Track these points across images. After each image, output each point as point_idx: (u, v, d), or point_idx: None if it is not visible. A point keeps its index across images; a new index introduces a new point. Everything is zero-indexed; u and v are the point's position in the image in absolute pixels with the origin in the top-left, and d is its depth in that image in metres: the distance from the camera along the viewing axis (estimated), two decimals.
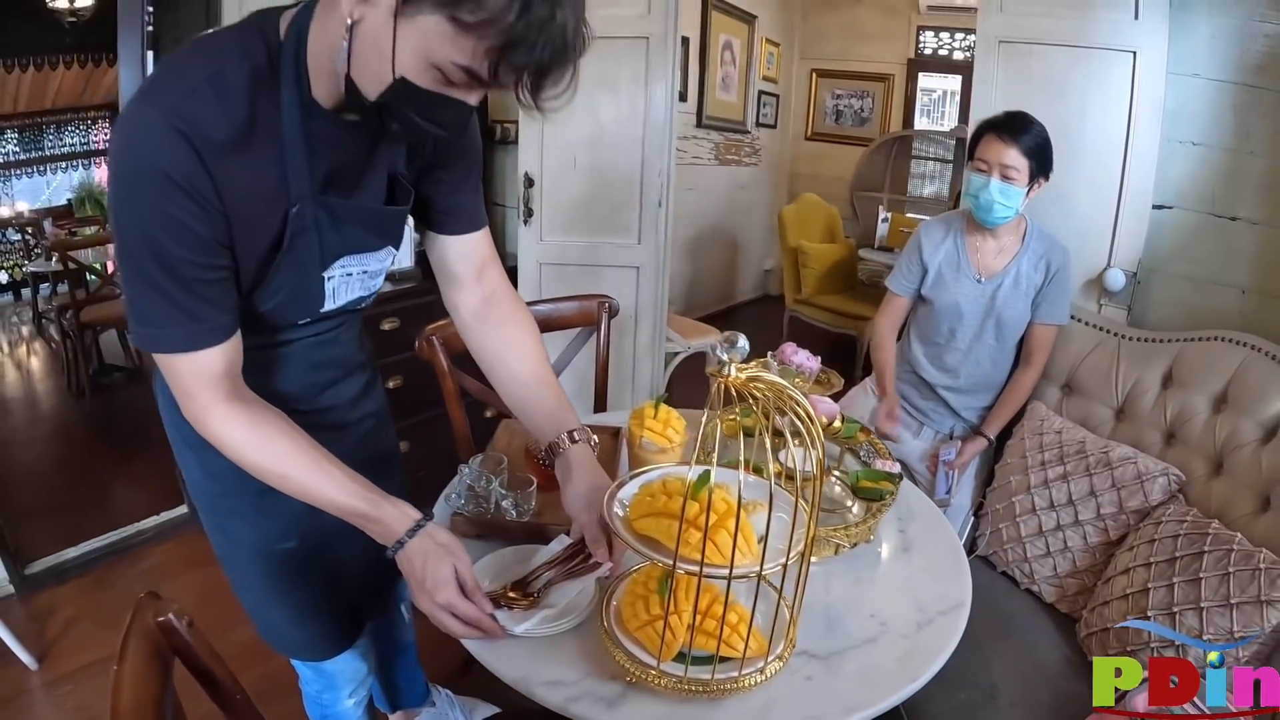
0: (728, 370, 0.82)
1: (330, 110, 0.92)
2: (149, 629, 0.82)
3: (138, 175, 0.82)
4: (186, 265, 0.87)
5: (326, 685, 1.43)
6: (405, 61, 0.79)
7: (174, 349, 0.90)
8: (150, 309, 0.88)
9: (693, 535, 0.82)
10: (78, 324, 4.08)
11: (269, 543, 1.20)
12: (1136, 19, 1.98)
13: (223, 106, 0.84)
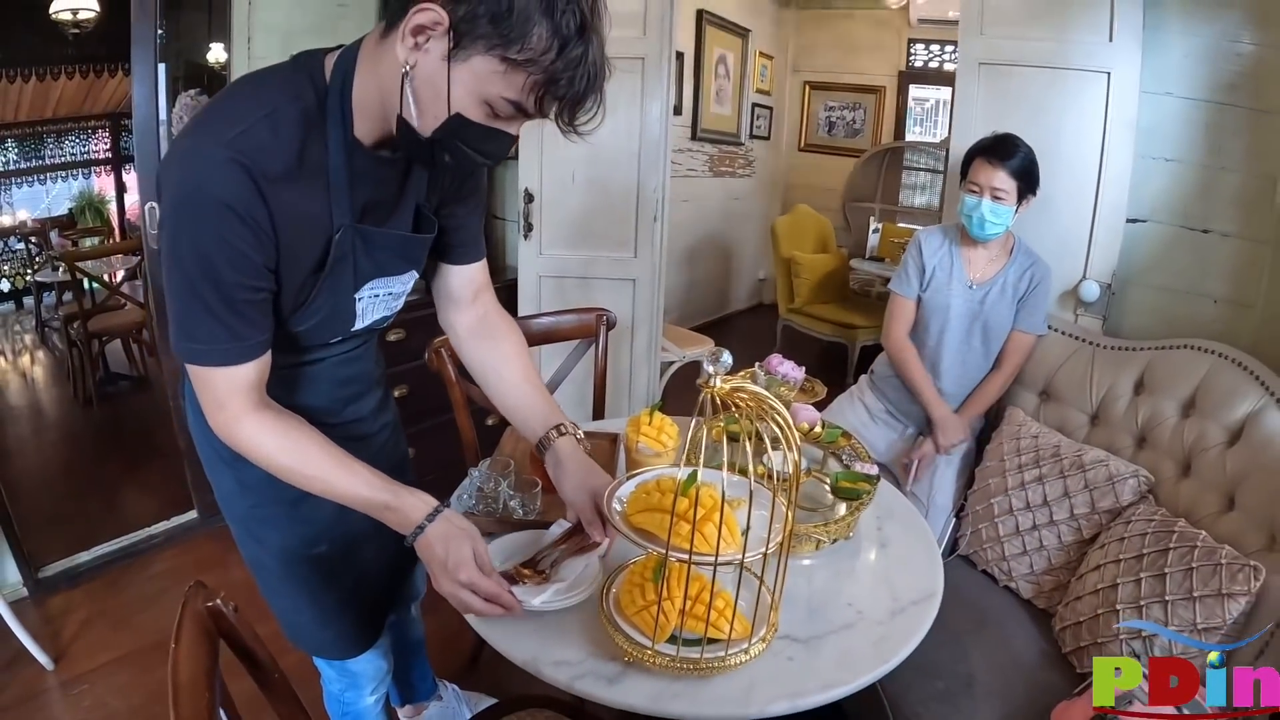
0: (713, 382, 0.91)
1: (369, 147, 1.01)
2: (199, 613, 0.90)
3: (199, 204, 0.89)
4: (236, 288, 0.94)
5: (350, 684, 1.48)
6: (459, 99, 0.89)
7: (215, 363, 0.97)
8: (197, 326, 0.95)
9: (683, 528, 0.91)
10: (85, 333, 4.13)
11: (301, 548, 1.27)
12: (1111, 41, 2.06)
13: (277, 142, 0.92)
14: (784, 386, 1.61)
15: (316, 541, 1.27)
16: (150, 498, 3.05)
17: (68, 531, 2.76)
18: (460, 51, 0.86)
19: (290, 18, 3.02)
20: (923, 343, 2.22)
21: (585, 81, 0.89)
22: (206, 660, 0.87)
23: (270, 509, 1.23)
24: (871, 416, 2.37)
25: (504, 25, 0.84)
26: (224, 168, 0.88)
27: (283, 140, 0.93)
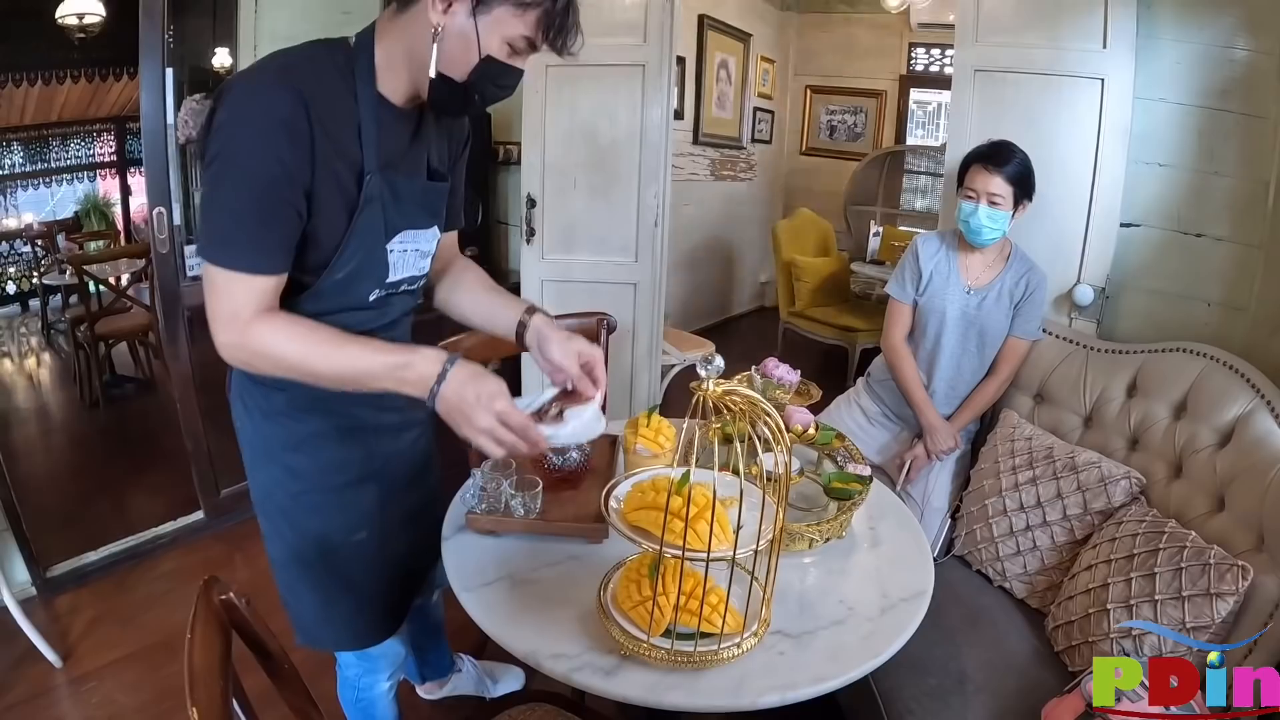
0: (706, 385, 0.94)
1: (392, 105, 1.15)
2: (214, 605, 0.95)
3: (254, 121, 1.02)
4: (276, 202, 1.05)
5: (369, 669, 1.54)
6: (488, 43, 1.08)
7: (242, 268, 1.05)
8: (233, 230, 1.05)
9: (677, 525, 0.94)
10: (92, 336, 4.18)
11: (343, 535, 1.35)
12: (1105, 48, 2.08)
13: (320, 84, 1.06)
14: (779, 389, 1.64)
15: (358, 528, 1.35)
16: (157, 499, 3.07)
17: (75, 532, 2.78)
18: (483, 6, 1.05)
19: (294, 26, 3.06)
20: (919, 346, 2.24)
21: (570, 15, 1.10)
22: (220, 651, 0.91)
23: (317, 496, 1.31)
24: (868, 418, 2.39)
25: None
26: (280, 91, 1.02)
27: (325, 83, 1.07)
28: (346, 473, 1.33)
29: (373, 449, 1.35)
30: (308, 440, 1.29)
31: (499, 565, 1.32)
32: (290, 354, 1.08)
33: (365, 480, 1.35)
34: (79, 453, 3.97)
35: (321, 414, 1.28)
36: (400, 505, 1.40)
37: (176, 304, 2.78)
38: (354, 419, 1.31)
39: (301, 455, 1.26)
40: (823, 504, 1.47)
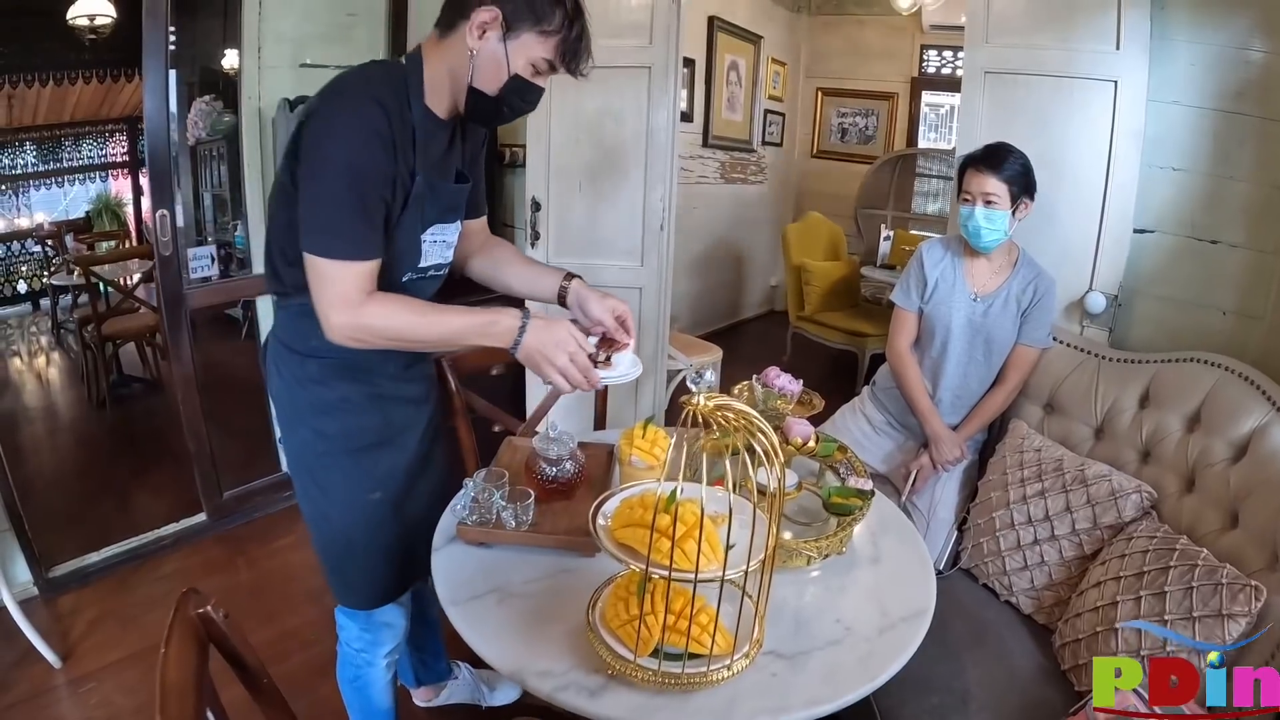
0: (696, 400, 0.91)
1: (436, 115, 1.34)
2: (190, 619, 0.94)
3: (355, 130, 1.21)
4: (374, 197, 1.25)
5: (371, 641, 1.65)
6: (516, 64, 1.28)
7: (353, 256, 1.23)
8: (343, 225, 1.23)
9: (664, 544, 0.91)
10: (99, 336, 4.17)
11: (361, 493, 1.49)
12: (1118, 49, 2.04)
13: (392, 94, 1.27)
14: (781, 400, 1.60)
15: (374, 488, 1.49)
16: (160, 500, 3.08)
17: (78, 532, 2.79)
18: (512, 33, 1.26)
19: (299, 27, 3.05)
20: (925, 354, 2.20)
21: (584, 42, 1.30)
22: (195, 664, 0.90)
23: (339, 458, 1.46)
24: (873, 427, 2.36)
25: (536, 11, 1.25)
26: (375, 106, 1.22)
27: (396, 100, 1.27)
28: (367, 437, 1.48)
29: (391, 416, 1.51)
30: (334, 405, 1.45)
31: (488, 577, 1.29)
32: (401, 325, 1.29)
33: (383, 445, 1.50)
34: (84, 453, 3.97)
35: (349, 382, 1.45)
36: (413, 474, 1.55)
37: (179, 305, 2.78)
38: (377, 388, 1.47)
39: (328, 419, 1.44)
40: (823, 518, 1.44)
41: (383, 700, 1.72)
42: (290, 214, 1.29)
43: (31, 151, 6.64)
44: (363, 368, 1.44)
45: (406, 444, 1.55)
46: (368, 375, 1.46)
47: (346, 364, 1.42)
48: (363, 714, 1.74)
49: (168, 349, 2.86)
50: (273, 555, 2.77)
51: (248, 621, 2.44)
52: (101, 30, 5.46)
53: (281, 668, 2.22)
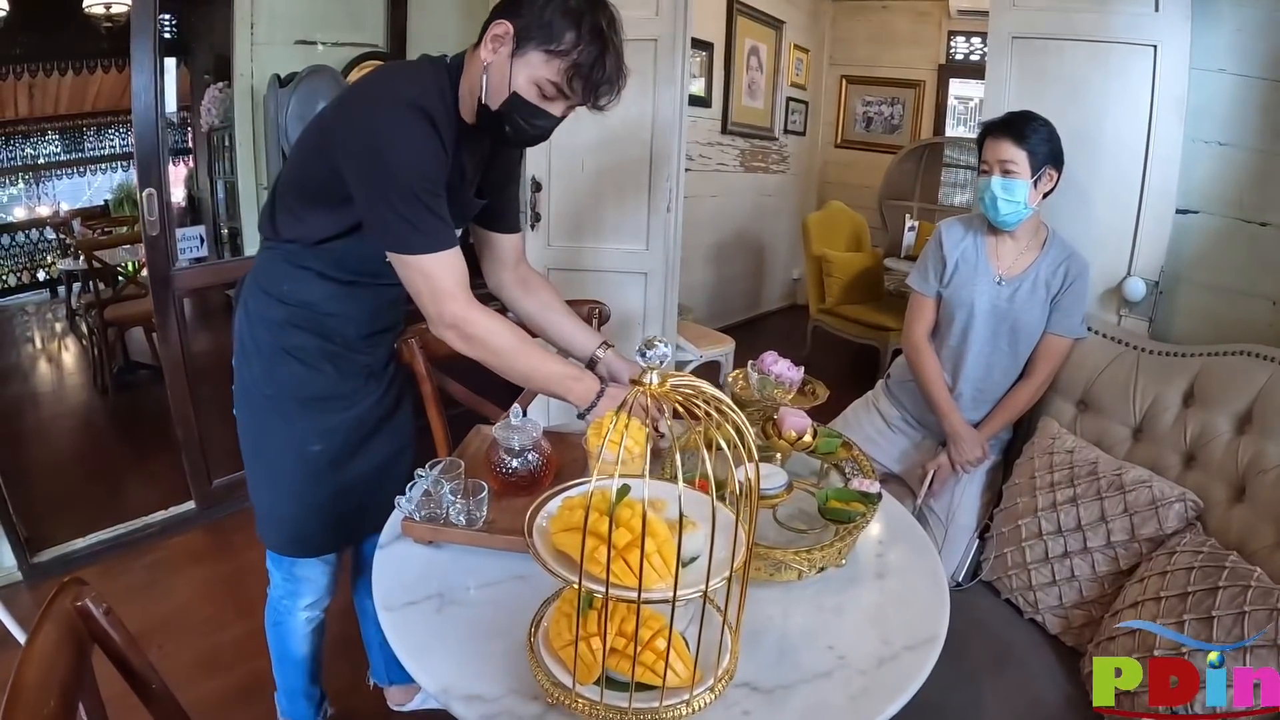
0: (647, 379, 0.75)
1: (465, 123, 1.36)
2: (66, 613, 0.85)
3: (408, 134, 1.24)
4: (437, 192, 1.29)
5: (291, 591, 1.68)
6: (518, 82, 1.27)
7: (440, 248, 1.28)
8: (422, 221, 1.26)
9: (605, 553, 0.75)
10: (102, 322, 4.12)
11: (302, 443, 1.49)
12: (1157, 11, 1.89)
13: (438, 100, 1.29)
14: (779, 389, 1.43)
15: (315, 440, 1.49)
16: (152, 487, 3.04)
17: (68, 518, 2.77)
18: (520, 49, 1.25)
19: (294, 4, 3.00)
20: (944, 344, 2.03)
21: (601, 72, 1.26)
22: (67, 664, 0.80)
23: (285, 404, 1.48)
24: (887, 424, 2.18)
25: (547, 30, 1.23)
26: (421, 118, 1.25)
27: (439, 106, 1.29)
28: (314, 390, 1.47)
29: (344, 376, 1.50)
30: (289, 352, 1.45)
31: (430, 581, 1.15)
32: (501, 343, 1.33)
33: (331, 400, 1.49)
34: (82, 438, 3.94)
35: (307, 333, 1.45)
36: (359, 436, 1.54)
37: (167, 287, 2.72)
38: (333, 345, 1.47)
39: (280, 364, 1.45)
40: (822, 525, 1.27)
41: (298, 649, 1.75)
42: (307, 177, 1.38)
43: (55, 141, 6.67)
44: (324, 325, 1.46)
45: (356, 406, 1.54)
46: (327, 333, 1.47)
47: (309, 316, 1.44)
48: (279, 659, 1.78)
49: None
50: (258, 546, 2.61)
51: (227, 614, 2.40)
52: (118, 19, 5.44)
53: (255, 664, 2.14)
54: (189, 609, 2.41)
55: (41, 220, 6.70)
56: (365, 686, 2.06)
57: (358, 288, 1.47)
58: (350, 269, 1.44)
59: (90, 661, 0.87)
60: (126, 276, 4.42)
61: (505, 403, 1.74)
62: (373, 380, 1.57)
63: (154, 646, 2.20)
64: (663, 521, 0.81)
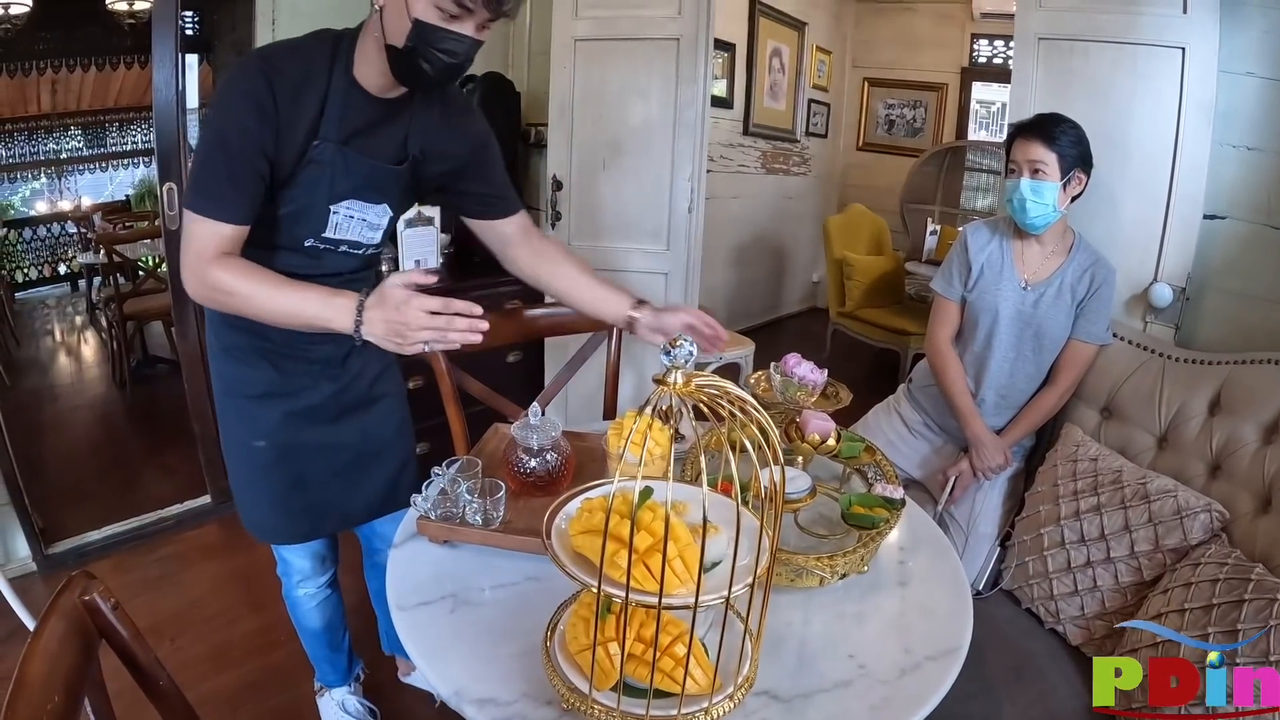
0: (672, 378, 0.73)
1: (365, 90, 1.31)
2: (73, 607, 0.84)
3: (228, 94, 1.23)
4: (240, 160, 1.22)
5: (283, 569, 1.75)
6: (417, 9, 1.17)
7: (210, 215, 1.22)
8: (207, 182, 1.23)
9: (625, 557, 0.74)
10: (121, 316, 4.15)
11: (246, 437, 1.51)
12: (1185, 13, 1.86)
13: (292, 60, 1.25)
14: (801, 391, 1.41)
15: (256, 437, 1.50)
16: (167, 481, 3.06)
17: (83, 510, 2.79)
18: None
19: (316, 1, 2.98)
20: (968, 348, 2.00)
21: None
22: (72, 659, 0.79)
23: (231, 400, 1.51)
24: (909, 428, 2.16)
25: None
26: (253, 73, 1.21)
27: (298, 66, 1.24)
28: (254, 387, 1.48)
29: (285, 372, 1.48)
30: (227, 351, 1.48)
31: (444, 581, 1.14)
32: (240, 290, 1.23)
33: (272, 397, 1.48)
34: (99, 431, 3.96)
35: (238, 332, 1.45)
36: (313, 433, 1.52)
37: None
38: (268, 342, 1.45)
39: (223, 363, 1.48)
40: (844, 530, 1.25)
41: (308, 621, 1.80)
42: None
43: (77, 136, 6.72)
44: (254, 323, 1.36)
45: (303, 401, 1.51)
46: (262, 331, 1.42)
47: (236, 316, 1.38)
48: (298, 628, 1.84)
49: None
50: None
51: (239, 608, 2.40)
52: (140, 15, 5.48)
53: (267, 659, 2.16)
54: (202, 603, 2.42)
55: (63, 214, 6.76)
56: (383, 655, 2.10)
57: (291, 264, 1.41)
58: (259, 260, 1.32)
59: (97, 657, 0.86)
60: (146, 271, 4.45)
61: (524, 401, 1.73)
62: (325, 378, 1.52)
63: (166, 640, 2.20)
64: (684, 526, 0.80)
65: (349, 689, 1.90)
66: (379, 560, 1.80)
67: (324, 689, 1.91)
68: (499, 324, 1.86)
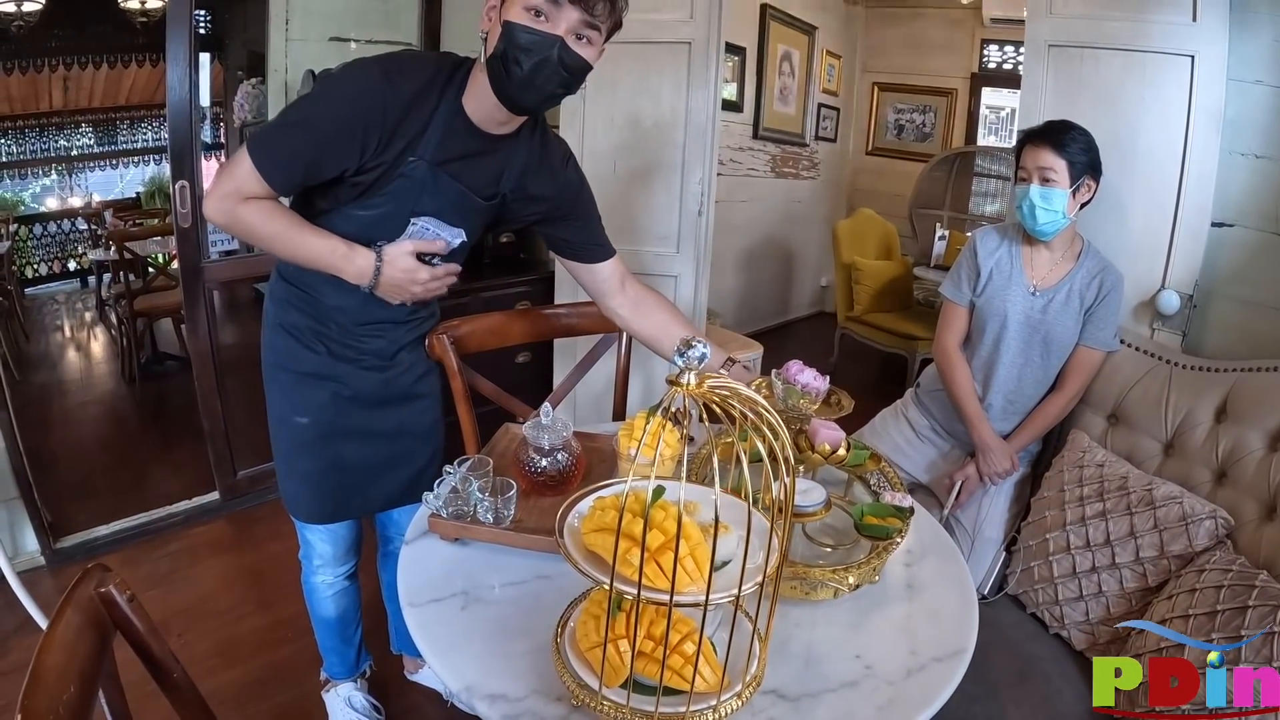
0: (685, 379, 0.74)
1: (471, 120, 1.34)
2: (89, 598, 0.85)
3: (340, 82, 1.28)
4: (316, 146, 1.27)
5: (305, 552, 1.77)
6: (510, 14, 1.21)
7: (262, 170, 1.26)
8: (280, 146, 1.29)
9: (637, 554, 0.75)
10: (130, 312, 4.17)
11: (288, 412, 1.57)
12: (1194, 21, 1.87)
13: (412, 76, 1.29)
14: (804, 399, 1.41)
15: (300, 413, 1.56)
16: (176, 477, 3.07)
17: (92, 505, 2.81)
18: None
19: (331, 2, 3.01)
20: (975, 353, 2.01)
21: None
22: (86, 651, 0.80)
23: (281, 373, 1.56)
24: (916, 433, 2.16)
25: None
26: (373, 73, 1.27)
27: (415, 82, 1.29)
28: (306, 365, 1.53)
29: (340, 357, 1.54)
30: (286, 327, 1.52)
31: (455, 579, 1.15)
32: (262, 231, 1.32)
33: (322, 379, 1.54)
34: (108, 427, 3.98)
35: (300, 312, 1.51)
36: (350, 417, 1.57)
37: (198, 278, 2.74)
38: (326, 329, 1.51)
39: (279, 336, 1.53)
40: (851, 540, 1.25)
41: (323, 610, 1.82)
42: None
43: (89, 133, 6.76)
44: (318, 308, 1.50)
45: (350, 387, 1.57)
46: (322, 316, 1.51)
47: (306, 298, 1.50)
48: (312, 616, 1.85)
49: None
50: (279, 539, 2.70)
51: (246, 604, 2.41)
52: (153, 14, 5.52)
53: (274, 655, 2.18)
54: (209, 599, 2.43)
55: (73, 211, 6.80)
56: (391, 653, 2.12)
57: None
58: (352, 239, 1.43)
59: (111, 648, 0.87)
60: (156, 268, 4.47)
61: (533, 402, 1.74)
62: (373, 368, 1.58)
63: (173, 635, 2.22)
64: (695, 524, 0.81)
65: (355, 684, 1.92)
66: (392, 549, 1.87)
67: (330, 682, 1.92)
68: (509, 324, 1.87)
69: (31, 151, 6.50)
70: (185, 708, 0.95)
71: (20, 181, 6.55)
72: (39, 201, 6.71)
